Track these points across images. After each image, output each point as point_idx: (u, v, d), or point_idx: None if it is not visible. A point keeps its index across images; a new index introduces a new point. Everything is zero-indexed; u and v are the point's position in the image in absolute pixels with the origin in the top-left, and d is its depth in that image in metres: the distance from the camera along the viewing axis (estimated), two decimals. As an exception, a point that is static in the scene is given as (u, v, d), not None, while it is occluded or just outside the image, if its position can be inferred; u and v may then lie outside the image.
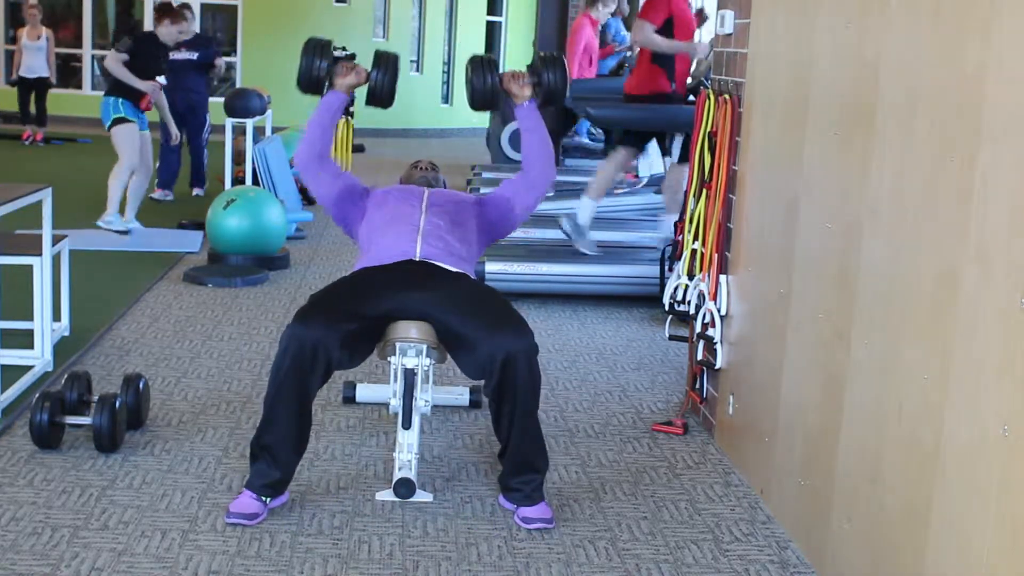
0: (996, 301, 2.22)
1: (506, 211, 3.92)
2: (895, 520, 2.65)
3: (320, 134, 3.84)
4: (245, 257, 6.85)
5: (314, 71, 3.87)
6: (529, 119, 3.87)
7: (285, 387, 3.31)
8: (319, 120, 3.85)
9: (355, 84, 3.90)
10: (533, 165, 3.87)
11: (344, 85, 3.88)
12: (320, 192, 3.88)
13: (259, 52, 16.72)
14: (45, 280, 4.62)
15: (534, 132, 3.87)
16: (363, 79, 3.91)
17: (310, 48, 3.90)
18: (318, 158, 3.85)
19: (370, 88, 3.94)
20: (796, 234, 3.41)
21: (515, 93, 3.87)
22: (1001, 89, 2.25)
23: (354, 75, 3.89)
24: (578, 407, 4.53)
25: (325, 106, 3.86)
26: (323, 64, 3.87)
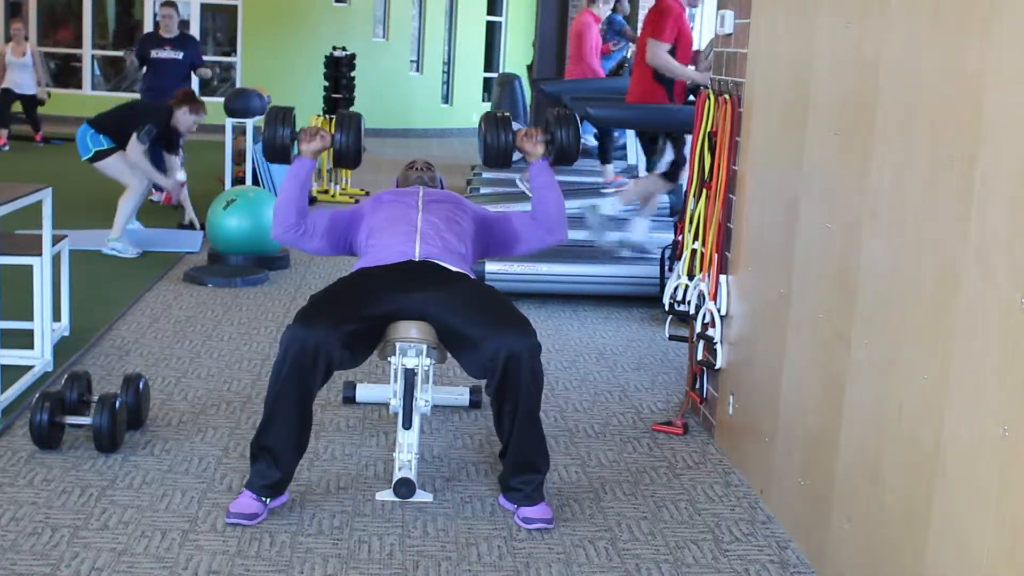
0: (996, 301, 2.22)
1: (509, 240, 3.95)
2: (895, 520, 2.65)
3: (294, 207, 3.79)
4: (245, 257, 6.85)
5: (278, 140, 3.84)
6: (542, 177, 3.87)
7: (286, 388, 3.31)
8: (289, 193, 3.80)
9: (321, 149, 3.86)
10: (548, 225, 3.89)
11: (310, 151, 3.84)
12: (311, 250, 3.90)
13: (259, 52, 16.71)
14: (45, 280, 4.62)
15: (548, 190, 3.87)
16: (328, 143, 3.89)
17: (272, 118, 3.86)
18: (296, 228, 3.80)
19: (336, 149, 3.93)
20: (796, 234, 3.41)
21: (528, 151, 3.86)
22: (1001, 89, 2.25)
23: (319, 140, 3.84)
24: (578, 407, 4.53)
25: (293, 178, 3.80)
26: (287, 132, 3.85)
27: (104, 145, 7.29)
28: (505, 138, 3.88)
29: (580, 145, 3.89)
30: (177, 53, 9.06)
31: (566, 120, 3.87)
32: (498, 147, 3.89)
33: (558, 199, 3.88)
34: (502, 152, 3.90)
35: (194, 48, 9.32)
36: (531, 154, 3.85)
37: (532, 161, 3.86)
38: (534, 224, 3.91)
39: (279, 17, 16.79)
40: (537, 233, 3.92)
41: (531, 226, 3.92)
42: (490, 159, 3.93)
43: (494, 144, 3.89)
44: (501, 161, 3.93)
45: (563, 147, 3.85)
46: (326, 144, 3.88)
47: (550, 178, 3.87)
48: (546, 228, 3.90)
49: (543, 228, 3.90)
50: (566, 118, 3.88)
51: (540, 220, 3.90)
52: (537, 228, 3.91)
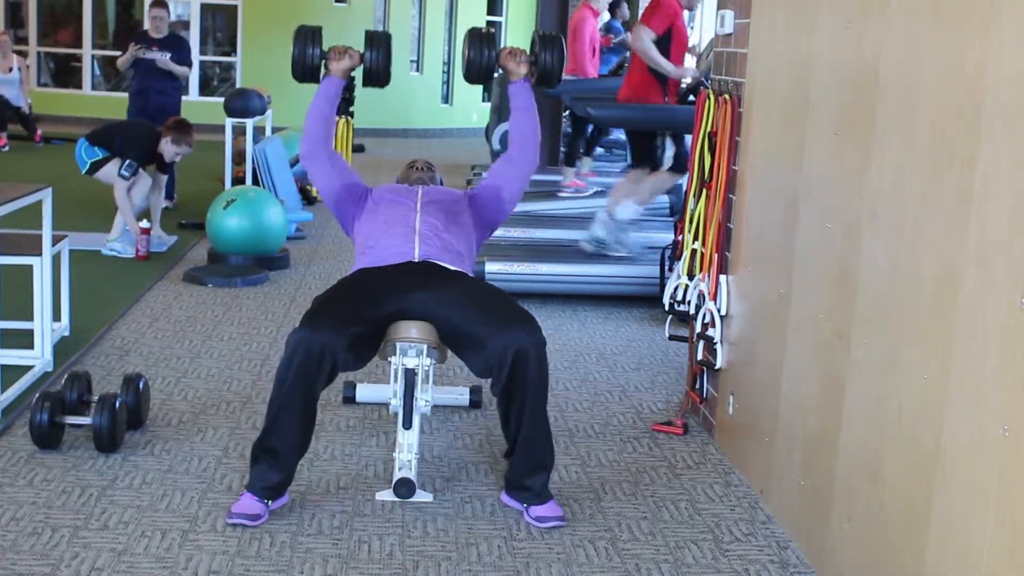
0: (996, 301, 2.22)
1: (496, 201, 3.93)
2: (895, 520, 2.65)
3: (322, 122, 3.85)
4: (245, 257, 6.85)
5: (307, 59, 3.87)
6: (521, 96, 3.88)
7: (292, 391, 3.30)
8: (319, 108, 3.86)
9: (350, 67, 3.91)
10: (519, 145, 3.88)
11: (339, 69, 3.88)
12: (323, 184, 3.90)
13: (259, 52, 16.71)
14: (45, 280, 4.62)
15: (525, 111, 3.88)
16: (357, 61, 3.92)
17: (301, 36, 3.90)
18: (323, 147, 3.86)
19: (365, 68, 3.94)
20: (796, 234, 3.41)
21: (511, 69, 3.88)
22: (1001, 89, 2.25)
23: (348, 58, 3.89)
24: (578, 407, 4.53)
25: (323, 93, 3.87)
26: (316, 51, 3.88)
27: (99, 155, 7.28)
28: (488, 54, 3.91)
29: (563, 67, 3.90)
30: (166, 55, 8.88)
31: (551, 41, 3.89)
32: (480, 62, 3.91)
33: (534, 120, 3.88)
34: (484, 68, 3.92)
35: (183, 49, 9.15)
36: (513, 72, 3.88)
37: (513, 80, 3.88)
38: (505, 161, 3.92)
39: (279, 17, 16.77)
40: (510, 167, 3.91)
41: (503, 167, 3.92)
42: (472, 74, 3.96)
43: (476, 59, 3.91)
44: (482, 76, 3.95)
45: (546, 68, 3.88)
46: (355, 62, 3.92)
47: (529, 99, 3.88)
48: (518, 147, 3.88)
49: (515, 157, 3.88)
50: (551, 39, 3.90)
51: (511, 147, 3.89)
52: (509, 163, 3.90)
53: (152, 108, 8.73)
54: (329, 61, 3.89)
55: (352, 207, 3.88)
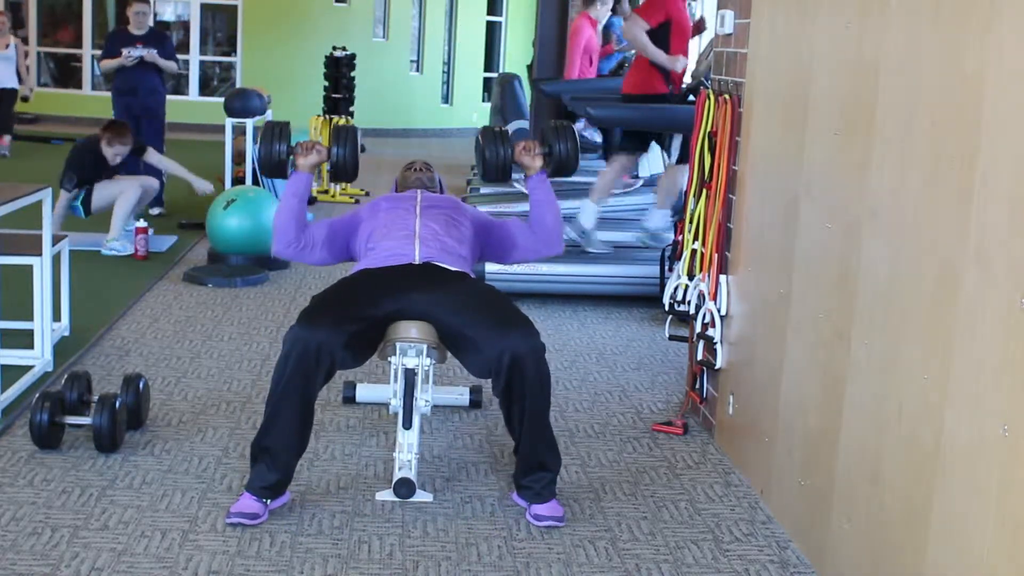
0: (996, 301, 2.22)
1: (506, 247, 3.97)
2: (895, 520, 2.65)
3: (292, 221, 3.79)
4: (245, 257, 6.85)
5: (274, 155, 3.83)
6: (540, 191, 3.86)
7: (289, 389, 3.31)
8: (288, 210, 3.80)
9: (318, 162, 3.85)
10: (545, 238, 3.90)
11: (307, 165, 3.82)
12: (313, 263, 3.92)
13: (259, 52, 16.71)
14: (45, 280, 4.62)
15: (545, 204, 3.87)
16: (324, 157, 3.86)
17: (268, 133, 3.85)
18: (296, 243, 3.82)
19: (332, 164, 3.90)
20: (796, 234, 3.41)
21: (527, 165, 3.85)
22: (1001, 89, 2.25)
23: (315, 154, 3.83)
24: (578, 407, 4.53)
25: (292, 193, 3.80)
26: (283, 147, 3.83)
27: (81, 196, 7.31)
28: (504, 152, 3.88)
29: (579, 156, 3.89)
30: (150, 51, 8.75)
31: (563, 132, 3.86)
32: (497, 162, 3.89)
33: (556, 213, 3.88)
34: (501, 167, 3.90)
35: (167, 45, 9.02)
36: (530, 168, 3.84)
37: (530, 175, 3.86)
38: (531, 234, 3.92)
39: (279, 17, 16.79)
40: (533, 244, 3.92)
41: (528, 235, 3.92)
42: (489, 174, 3.93)
43: (493, 159, 3.89)
44: (500, 175, 3.92)
45: (561, 159, 3.85)
46: (323, 158, 3.86)
47: (548, 192, 3.87)
48: (543, 241, 3.91)
49: (540, 240, 3.91)
50: (563, 130, 3.87)
51: (537, 233, 3.90)
52: (534, 239, 3.92)
53: (137, 107, 8.68)
54: (296, 157, 3.83)
55: (346, 243, 3.89)
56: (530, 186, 3.87)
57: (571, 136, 3.86)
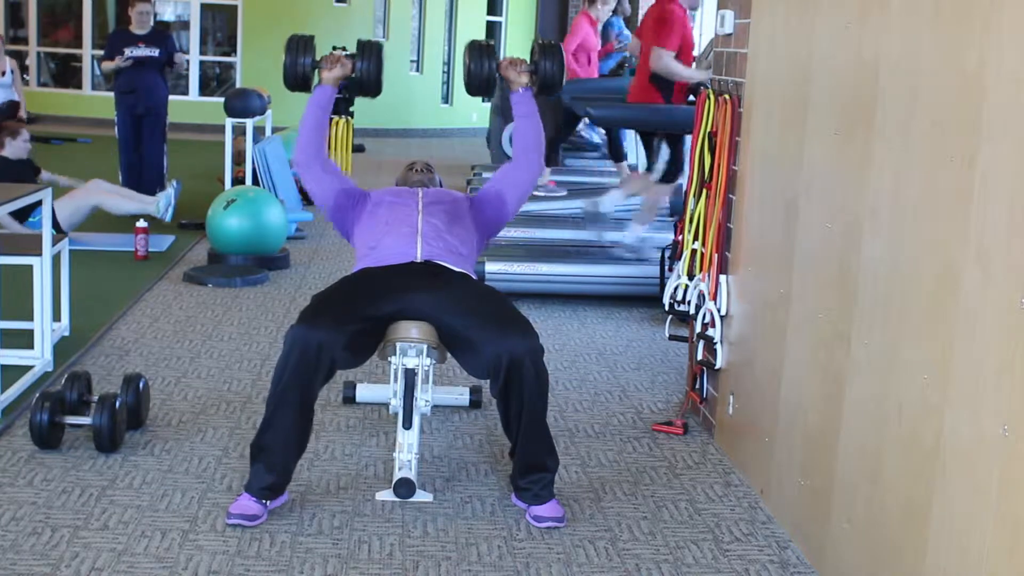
0: (996, 301, 2.22)
1: (499, 205, 3.94)
2: (895, 520, 2.65)
3: (316, 132, 3.85)
4: (245, 257, 6.85)
5: (299, 67, 3.88)
6: (523, 105, 3.90)
7: (289, 388, 3.31)
8: (312, 117, 3.86)
9: (342, 76, 3.91)
10: (524, 151, 3.91)
11: (331, 78, 3.89)
12: (318, 193, 3.89)
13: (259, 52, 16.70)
14: (45, 280, 4.62)
15: (528, 118, 3.90)
16: (349, 70, 3.93)
17: (293, 45, 3.90)
18: (317, 156, 3.86)
19: (357, 77, 3.94)
20: (796, 234, 3.41)
21: (512, 79, 3.90)
22: (1001, 89, 2.25)
23: (340, 67, 3.90)
24: (578, 407, 4.53)
25: (315, 102, 3.87)
26: (307, 60, 3.88)
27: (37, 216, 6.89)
28: (489, 65, 3.93)
29: (564, 76, 3.92)
30: (153, 50, 8.80)
31: (551, 50, 3.91)
32: (481, 74, 3.93)
33: (537, 126, 3.91)
34: (485, 79, 3.95)
35: (171, 44, 9.06)
36: (514, 82, 3.90)
37: (514, 90, 3.90)
38: (510, 166, 3.93)
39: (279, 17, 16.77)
40: (514, 173, 3.92)
41: (508, 172, 3.94)
42: (473, 86, 3.98)
43: (478, 71, 3.93)
44: (484, 88, 3.97)
45: (547, 76, 3.90)
46: (347, 71, 3.92)
47: (531, 106, 3.90)
48: (522, 153, 3.90)
49: (520, 163, 3.90)
50: (551, 48, 3.92)
51: (516, 155, 3.91)
52: (513, 168, 3.92)
53: (140, 107, 8.69)
54: (321, 70, 3.89)
55: (350, 212, 3.87)
56: (514, 100, 3.91)
57: (558, 55, 3.91)
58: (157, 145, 8.82)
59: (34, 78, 17.16)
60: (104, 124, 12.52)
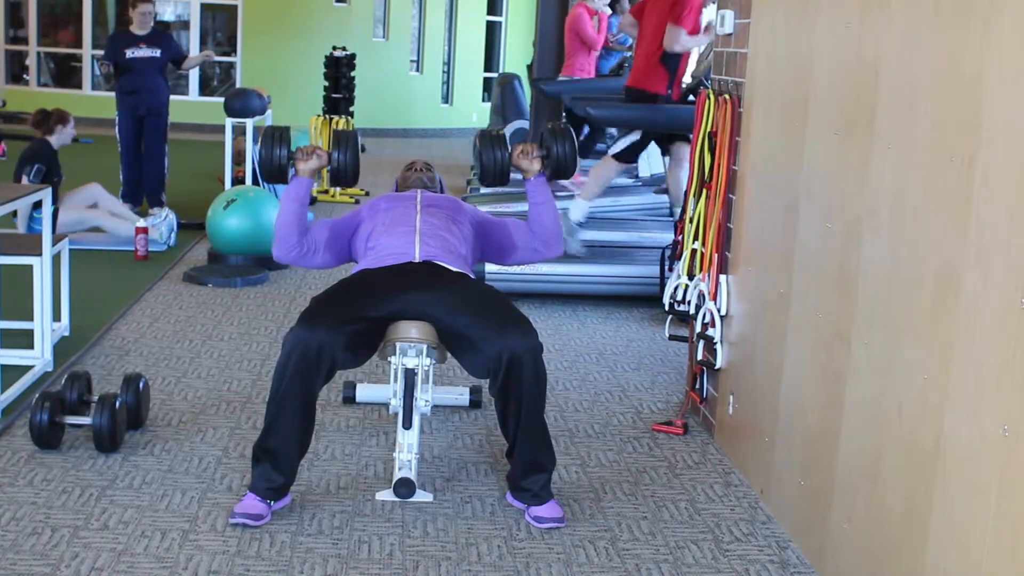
0: (996, 301, 2.22)
1: (505, 248, 3.96)
2: (895, 520, 2.65)
3: (295, 228, 3.77)
4: (245, 257, 6.85)
5: (275, 160, 3.82)
6: (539, 194, 3.85)
7: (290, 390, 3.31)
8: (289, 215, 3.77)
9: (318, 167, 3.83)
10: (544, 241, 3.90)
11: (307, 170, 3.81)
12: (315, 266, 3.90)
13: (259, 52, 16.71)
14: (45, 280, 4.62)
15: (544, 206, 3.86)
16: (325, 161, 3.84)
17: (269, 138, 3.83)
18: (298, 248, 3.79)
19: (333, 169, 3.89)
20: (796, 234, 3.41)
21: (524, 168, 3.84)
22: (1001, 89, 2.25)
23: (315, 159, 3.81)
24: (578, 407, 4.53)
25: (292, 197, 3.78)
26: (283, 152, 3.82)
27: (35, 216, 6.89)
28: (501, 156, 3.87)
29: (576, 158, 3.89)
30: (154, 51, 8.71)
31: (561, 134, 3.85)
32: (494, 166, 3.88)
33: (555, 215, 3.88)
34: (499, 171, 3.88)
35: (172, 44, 9.02)
36: (528, 171, 3.84)
37: (528, 178, 3.85)
38: (530, 235, 3.92)
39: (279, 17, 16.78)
40: (533, 245, 3.92)
41: (527, 236, 3.92)
42: (487, 178, 3.92)
43: (490, 163, 3.87)
44: (498, 179, 3.91)
45: (559, 161, 3.83)
46: (323, 163, 3.84)
47: (547, 194, 3.86)
48: (542, 242, 3.91)
49: (539, 241, 3.91)
50: (561, 132, 3.86)
51: (537, 234, 3.90)
52: (532, 240, 3.91)
53: (141, 108, 8.68)
54: (296, 162, 3.82)
55: (348, 243, 3.87)
56: (529, 189, 3.86)
57: (569, 138, 3.85)
58: (159, 146, 8.80)
59: (34, 78, 17.15)
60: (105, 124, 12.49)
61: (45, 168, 7.04)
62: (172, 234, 7.50)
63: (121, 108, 8.76)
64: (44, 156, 7.15)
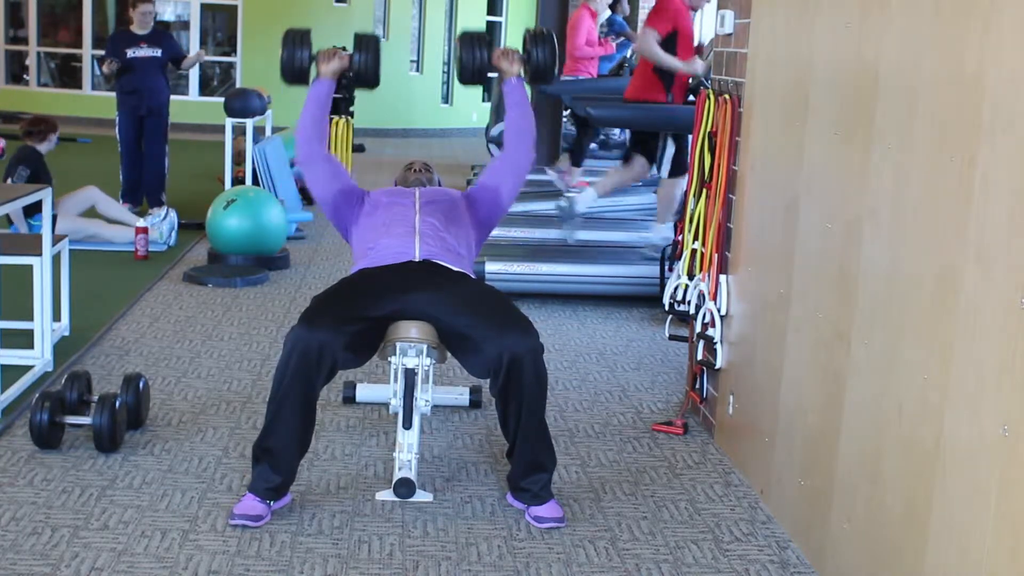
0: (996, 301, 2.22)
1: (494, 199, 3.94)
2: (895, 520, 2.65)
3: (315, 126, 3.83)
4: (245, 257, 6.85)
5: (296, 61, 3.86)
6: (515, 94, 3.90)
7: (290, 390, 3.30)
8: (311, 112, 3.84)
9: (340, 68, 3.88)
10: (514, 142, 3.90)
11: (329, 71, 3.87)
12: (318, 192, 3.88)
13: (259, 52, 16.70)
14: (45, 280, 4.62)
15: (519, 107, 3.89)
16: (346, 62, 3.90)
17: (290, 39, 3.89)
18: (319, 151, 3.84)
19: (354, 70, 3.93)
20: (796, 234, 3.41)
21: (504, 69, 3.89)
22: (1001, 89, 2.25)
23: (337, 59, 3.88)
24: (578, 407, 4.53)
25: (314, 97, 3.84)
26: (304, 53, 3.86)
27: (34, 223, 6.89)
28: (481, 55, 3.91)
29: (556, 64, 3.92)
30: (155, 50, 8.71)
31: (542, 38, 3.90)
32: (474, 64, 3.91)
33: (528, 115, 3.90)
34: (478, 68, 3.92)
35: (172, 43, 9.03)
36: (507, 72, 3.89)
37: (507, 79, 3.89)
38: (501, 158, 3.93)
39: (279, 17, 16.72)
40: (506, 164, 3.92)
41: (499, 165, 3.93)
42: (466, 75, 3.96)
43: (470, 61, 3.91)
44: (477, 77, 3.95)
45: (539, 66, 3.89)
46: (344, 64, 3.90)
47: (523, 95, 3.90)
48: (514, 150, 3.89)
49: (511, 153, 3.90)
50: (543, 36, 3.91)
51: (507, 145, 3.90)
52: (505, 160, 3.92)
53: (142, 108, 8.67)
54: (318, 63, 3.87)
55: (349, 211, 3.87)
56: (506, 89, 3.90)
57: (550, 43, 3.90)
58: (159, 146, 8.80)
59: (34, 78, 17.15)
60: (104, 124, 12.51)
61: (29, 171, 7.03)
62: (172, 233, 7.49)
63: (121, 108, 8.75)
64: (31, 160, 7.13)
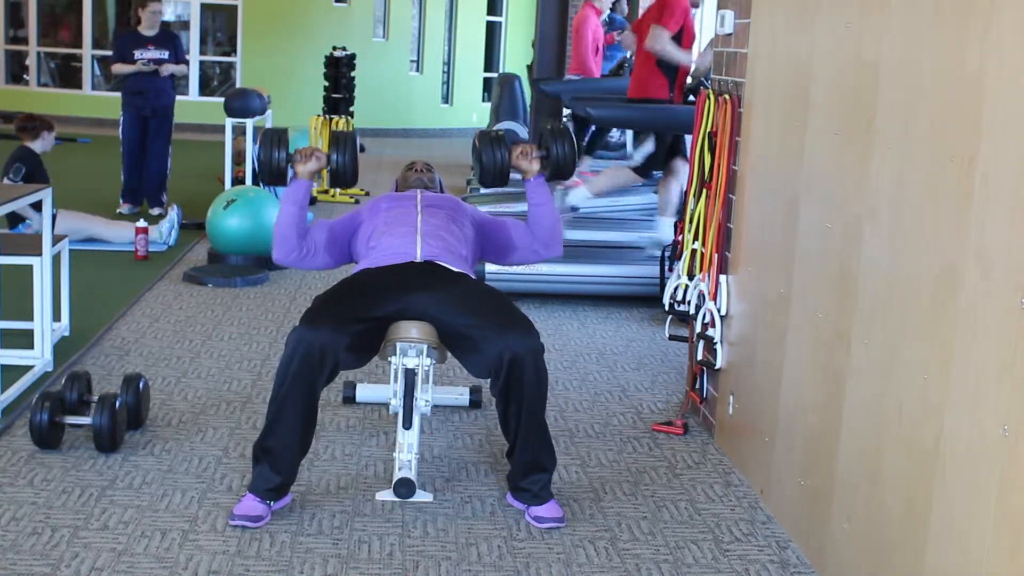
0: (996, 301, 2.22)
1: (505, 248, 3.96)
2: (895, 520, 2.65)
3: (294, 230, 3.77)
4: (245, 257, 6.85)
5: (274, 162, 3.82)
6: (538, 194, 3.85)
7: (292, 390, 3.30)
8: (288, 217, 3.77)
9: (317, 169, 3.83)
10: (546, 239, 3.90)
11: (306, 172, 3.81)
12: (316, 267, 3.91)
13: (259, 52, 16.71)
14: (45, 280, 4.62)
15: (543, 207, 3.86)
16: (324, 163, 3.84)
17: (267, 140, 3.83)
18: (298, 251, 3.80)
19: (332, 170, 3.88)
20: (796, 234, 3.41)
21: (524, 168, 3.84)
22: (1001, 89, 2.25)
23: (314, 161, 3.81)
24: (578, 407, 4.53)
25: (291, 199, 3.78)
26: (282, 154, 3.81)
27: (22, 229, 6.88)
28: (501, 157, 3.86)
29: (576, 159, 3.88)
30: (162, 52, 8.71)
31: (561, 134, 3.84)
32: (494, 167, 3.87)
33: (554, 216, 3.88)
34: (498, 171, 3.88)
35: (178, 46, 8.99)
36: (527, 172, 3.84)
37: (528, 179, 3.85)
38: (530, 236, 3.91)
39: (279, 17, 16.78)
40: (533, 246, 3.92)
41: (527, 237, 3.92)
42: (487, 178, 3.91)
43: (490, 164, 3.87)
44: (498, 180, 3.91)
45: (559, 162, 3.84)
46: (322, 164, 3.84)
47: (546, 195, 3.86)
48: (542, 243, 3.90)
49: (539, 243, 3.91)
50: (560, 132, 3.85)
51: (536, 235, 3.90)
52: (532, 241, 3.91)
53: (147, 109, 8.67)
54: (295, 164, 3.81)
55: (347, 245, 3.88)
56: (528, 190, 3.86)
57: (568, 138, 3.85)
58: (162, 147, 8.80)
59: (34, 78, 17.15)
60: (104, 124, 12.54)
61: (25, 169, 7.02)
62: (173, 232, 7.49)
63: (127, 108, 8.75)
64: (25, 160, 7.12)
